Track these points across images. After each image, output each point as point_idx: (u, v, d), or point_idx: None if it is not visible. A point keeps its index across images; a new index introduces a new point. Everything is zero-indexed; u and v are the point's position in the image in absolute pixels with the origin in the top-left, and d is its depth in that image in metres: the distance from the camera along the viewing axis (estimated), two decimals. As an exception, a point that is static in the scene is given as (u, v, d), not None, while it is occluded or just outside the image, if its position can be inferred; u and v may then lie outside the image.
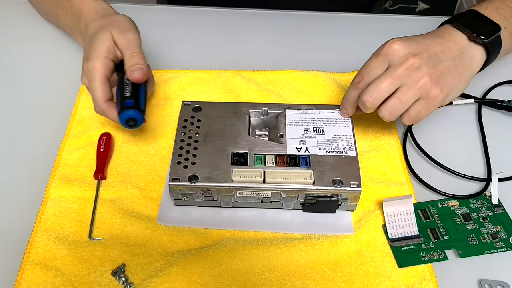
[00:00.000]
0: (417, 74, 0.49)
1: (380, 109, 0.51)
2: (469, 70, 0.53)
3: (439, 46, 0.51)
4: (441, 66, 0.50)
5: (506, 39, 0.56)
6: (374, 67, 0.51)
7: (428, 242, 0.50)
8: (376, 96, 0.50)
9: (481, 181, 0.56)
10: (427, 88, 0.49)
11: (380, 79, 0.50)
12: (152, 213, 0.52)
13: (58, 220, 0.51)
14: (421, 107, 0.50)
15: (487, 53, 0.53)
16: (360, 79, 0.52)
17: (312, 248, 0.49)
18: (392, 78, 0.49)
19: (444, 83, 0.50)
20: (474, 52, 0.53)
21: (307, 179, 0.49)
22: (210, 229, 0.51)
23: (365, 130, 0.60)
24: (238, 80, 0.65)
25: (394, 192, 0.54)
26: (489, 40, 0.52)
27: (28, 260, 0.48)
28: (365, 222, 0.52)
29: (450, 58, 0.51)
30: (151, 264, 0.48)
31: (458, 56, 0.52)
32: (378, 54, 0.51)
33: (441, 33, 0.53)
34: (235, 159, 0.51)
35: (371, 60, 0.51)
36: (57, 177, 0.54)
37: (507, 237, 0.51)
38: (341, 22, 0.78)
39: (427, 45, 0.51)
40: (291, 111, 0.56)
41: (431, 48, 0.51)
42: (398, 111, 0.50)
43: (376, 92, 0.50)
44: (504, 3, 0.57)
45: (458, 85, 0.52)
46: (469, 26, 0.52)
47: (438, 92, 0.50)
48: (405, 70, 0.49)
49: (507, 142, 0.60)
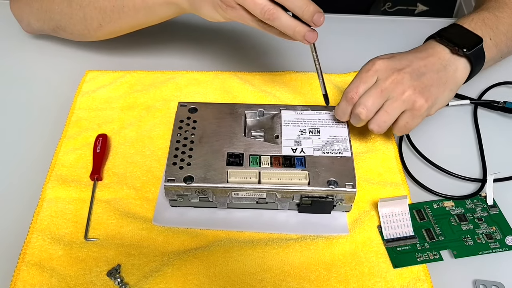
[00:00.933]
0: (401, 87, 0.51)
1: (369, 122, 0.53)
2: (454, 81, 0.54)
3: (422, 60, 0.53)
4: (425, 78, 0.52)
5: (492, 49, 0.57)
6: (365, 82, 0.52)
7: (423, 242, 0.51)
8: (369, 107, 0.51)
9: (477, 181, 0.56)
10: (412, 99, 0.51)
11: (370, 91, 0.52)
12: (148, 214, 0.52)
13: (54, 221, 0.51)
14: (408, 118, 0.52)
15: (470, 64, 0.55)
16: (354, 94, 0.52)
17: (307, 249, 0.49)
18: (380, 90, 0.51)
19: (428, 94, 0.52)
20: (458, 64, 0.54)
21: (302, 179, 0.49)
22: (206, 230, 0.51)
23: (361, 131, 0.60)
24: (235, 81, 0.66)
25: (389, 193, 0.54)
26: (471, 52, 0.54)
27: (24, 260, 0.48)
28: (360, 223, 0.52)
29: (433, 71, 0.53)
30: (146, 265, 0.48)
31: (441, 69, 0.54)
32: (367, 70, 0.52)
33: (424, 48, 0.55)
34: (231, 160, 0.51)
35: (362, 76, 0.53)
36: (54, 178, 0.54)
37: (502, 237, 0.51)
38: (338, 23, 0.78)
39: (410, 60, 0.53)
40: (287, 112, 0.56)
41: (414, 63, 0.53)
42: (386, 123, 0.52)
43: (369, 103, 0.51)
44: (492, 14, 0.59)
45: (443, 95, 0.54)
46: (451, 39, 0.54)
47: (423, 102, 0.51)
48: (390, 83, 0.51)
49: (502, 143, 0.61)
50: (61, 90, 0.65)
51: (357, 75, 0.53)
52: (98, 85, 0.65)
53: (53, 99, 0.64)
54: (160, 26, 0.76)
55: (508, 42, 0.60)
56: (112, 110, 0.62)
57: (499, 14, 0.59)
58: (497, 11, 0.59)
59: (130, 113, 0.62)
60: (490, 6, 0.61)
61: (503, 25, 0.59)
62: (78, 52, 0.71)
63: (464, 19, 0.58)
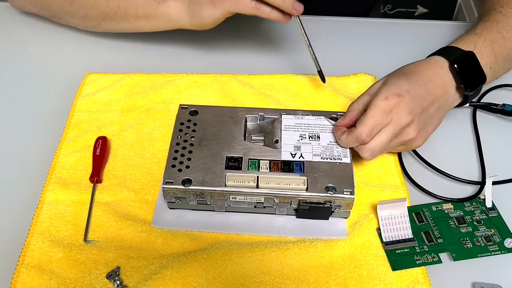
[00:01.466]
0: (408, 131, 0.52)
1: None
2: (446, 111, 0.57)
3: (430, 96, 0.53)
4: (428, 118, 0.53)
5: (489, 78, 0.58)
6: (380, 125, 0.51)
7: (422, 245, 0.51)
8: (376, 154, 0.52)
9: (476, 184, 0.56)
10: (412, 140, 0.53)
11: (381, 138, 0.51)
12: (147, 216, 0.52)
13: (54, 223, 0.51)
14: (401, 150, 0.56)
15: (464, 99, 0.57)
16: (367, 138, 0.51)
17: (306, 252, 0.50)
18: (390, 137, 0.52)
19: (425, 134, 0.54)
20: (455, 97, 0.56)
21: (300, 185, 0.49)
22: (205, 232, 0.51)
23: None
24: (235, 84, 0.66)
25: (388, 196, 0.54)
26: (471, 93, 0.56)
27: (23, 263, 0.48)
28: (359, 226, 0.52)
29: (436, 108, 0.54)
30: (145, 267, 0.48)
31: (443, 104, 0.55)
32: (384, 111, 0.51)
33: (434, 75, 0.54)
34: (230, 164, 0.51)
35: (378, 117, 0.51)
36: (53, 180, 0.55)
37: (501, 240, 0.51)
38: (338, 26, 0.78)
39: (421, 96, 0.52)
40: (287, 117, 0.56)
41: (424, 99, 0.53)
42: (380, 153, 0.53)
43: (377, 151, 0.52)
44: (500, 34, 0.59)
45: (434, 129, 0.56)
46: (463, 74, 0.54)
47: (420, 143, 0.54)
48: (400, 129, 0.52)
49: (501, 146, 0.61)
50: (61, 93, 0.65)
51: (372, 113, 0.51)
52: (98, 87, 0.65)
53: (53, 102, 0.64)
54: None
55: (506, 65, 0.62)
56: (112, 113, 0.62)
57: (506, 34, 0.59)
58: (504, 30, 0.60)
59: (130, 115, 0.62)
60: (497, 20, 0.60)
61: (506, 49, 0.60)
62: (78, 54, 0.71)
63: (476, 39, 0.58)
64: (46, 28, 0.74)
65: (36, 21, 0.75)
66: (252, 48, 0.73)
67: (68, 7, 0.67)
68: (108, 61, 0.70)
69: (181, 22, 0.63)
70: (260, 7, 0.57)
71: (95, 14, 0.67)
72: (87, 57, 0.71)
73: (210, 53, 0.72)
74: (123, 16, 0.65)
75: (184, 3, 0.61)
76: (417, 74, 0.54)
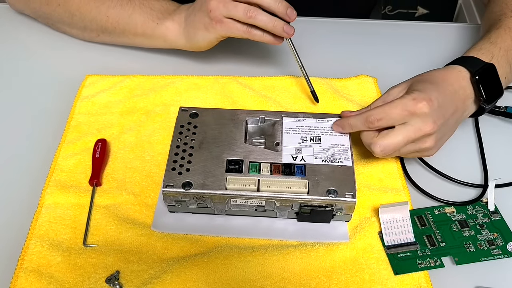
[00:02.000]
0: (427, 140, 0.51)
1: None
2: (461, 122, 0.56)
3: (453, 107, 0.52)
4: (446, 129, 0.53)
5: (503, 88, 0.57)
6: (395, 120, 0.50)
7: (425, 249, 0.50)
8: (387, 153, 0.51)
9: (478, 187, 0.56)
10: (427, 149, 0.52)
11: (397, 138, 0.50)
12: (147, 220, 0.52)
13: (53, 227, 0.51)
14: (410, 156, 0.55)
15: (479, 110, 0.56)
16: (376, 121, 0.50)
17: (308, 255, 0.49)
18: (407, 140, 0.50)
19: (440, 144, 0.53)
20: (472, 109, 0.56)
21: (301, 188, 0.49)
22: (205, 236, 0.51)
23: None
24: (235, 86, 0.65)
25: (390, 199, 0.54)
26: (488, 106, 0.55)
27: (22, 267, 0.47)
28: (361, 229, 0.51)
29: (455, 120, 0.54)
30: (145, 271, 0.48)
31: (460, 116, 0.54)
32: (406, 110, 0.49)
33: (458, 87, 0.53)
34: (230, 167, 0.51)
35: (396, 111, 0.50)
36: (53, 183, 0.54)
37: (503, 244, 0.51)
38: (339, 27, 0.78)
39: (446, 108, 0.51)
40: (288, 119, 0.56)
41: (448, 111, 0.52)
42: (392, 155, 0.53)
43: (389, 150, 0.50)
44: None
45: (447, 139, 0.55)
46: (483, 87, 0.53)
47: (433, 152, 0.53)
48: (421, 136, 0.50)
49: (504, 148, 0.60)
50: (61, 95, 0.65)
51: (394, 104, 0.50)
52: (98, 89, 0.65)
53: (52, 104, 0.64)
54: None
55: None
56: (111, 115, 0.62)
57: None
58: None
59: (129, 118, 0.62)
60: (510, 26, 0.60)
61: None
62: (77, 56, 0.71)
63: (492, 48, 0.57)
64: (46, 30, 0.74)
65: (36, 23, 0.74)
66: (252, 50, 0.73)
67: (68, 18, 0.68)
68: (108, 63, 0.69)
69: (178, 43, 0.65)
70: (251, 31, 0.58)
71: (94, 27, 0.68)
72: (86, 59, 0.70)
73: (210, 55, 0.72)
74: (122, 32, 0.66)
75: (180, 25, 0.63)
76: (445, 84, 0.53)
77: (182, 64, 0.70)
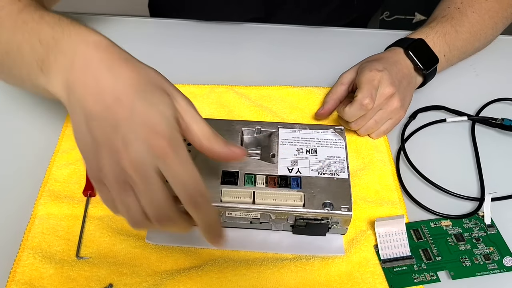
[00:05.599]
0: (393, 101, 0.58)
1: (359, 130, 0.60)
2: (414, 88, 0.64)
3: (400, 72, 0.60)
4: (404, 90, 0.60)
5: (444, 64, 0.65)
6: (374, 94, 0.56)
7: (420, 263, 0.50)
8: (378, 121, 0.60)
9: (474, 200, 0.55)
10: (397, 111, 0.59)
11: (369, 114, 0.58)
12: (141, 232, 0.51)
13: (46, 238, 0.50)
14: (389, 125, 0.60)
15: (423, 78, 0.64)
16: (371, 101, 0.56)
17: (303, 269, 0.49)
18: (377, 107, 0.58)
19: (405, 103, 0.60)
20: (417, 77, 0.63)
21: (297, 201, 0.49)
22: (200, 248, 0.51)
23: (358, 148, 0.60)
24: (231, 95, 0.65)
25: (386, 211, 0.54)
26: (428, 72, 0.62)
27: (13, 279, 0.47)
28: (356, 242, 0.51)
29: (407, 83, 0.61)
30: (138, 285, 0.47)
31: (410, 81, 0.62)
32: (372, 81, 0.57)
33: (397, 58, 0.61)
34: (226, 179, 0.50)
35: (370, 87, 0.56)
36: (46, 193, 0.54)
37: (500, 258, 0.50)
38: (336, 37, 0.78)
39: (395, 72, 0.59)
40: (284, 130, 0.56)
41: (398, 74, 0.59)
42: (372, 129, 0.60)
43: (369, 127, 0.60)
44: (453, 28, 0.65)
45: (409, 102, 0.62)
46: (417, 58, 0.62)
47: (403, 113, 0.60)
48: (385, 99, 0.58)
49: (500, 161, 0.60)
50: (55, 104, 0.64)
51: (365, 85, 0.56)
52: (93, 98, 0.64)
53: (46, 112, 0.63)
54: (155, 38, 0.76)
55: (460, 56, 0.68)
56: (106, 124, 0.61)
57: (459, 29, 0.65)
58: (458, 25, 0.65)
59: (124, 127, 0.61)
60: (453, 16, 0.66)
61: (460, 41, 0.66)
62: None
63: (429, 31, 0.64)
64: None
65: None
66: (249, 59, 0.72)
67: None
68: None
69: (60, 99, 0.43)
70: None
71: None
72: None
73: (206, 63, 0.71)
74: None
75: None
76: (386, 58, 0.61)
77: (178, 72, 0.69)
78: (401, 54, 0.62)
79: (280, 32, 0.77)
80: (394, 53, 0.62)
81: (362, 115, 0.57)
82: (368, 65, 0.59)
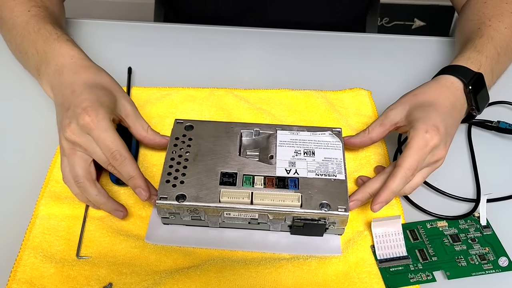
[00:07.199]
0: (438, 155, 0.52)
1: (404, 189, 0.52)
2: None
3: (455, 122, 0.54)
4: (450, 138, 0.53)
5: None
6: (422, 161, 0.51)
7: (417, 263, 0.50)
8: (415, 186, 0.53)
9: (470, 201, 0.56)
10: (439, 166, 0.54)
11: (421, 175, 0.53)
12: (140, 232, 0.52)
13: (47, 238, 0.51)
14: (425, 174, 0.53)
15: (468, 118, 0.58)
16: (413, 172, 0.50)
17: (300, 269, 0.49)
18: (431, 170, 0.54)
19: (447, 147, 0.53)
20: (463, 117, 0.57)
21: (294, 201, 0.49)
22: (199, 249, 0.51)
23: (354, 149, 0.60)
24: (230, 99, 0.66)
25: (383, 212, 0.54)
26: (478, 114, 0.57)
27: (15, 278, 0.48)
28: (353, 243, 0.52)
29: (456, 127, 0.55)
30: (138, 284, 0.48)
31: (458, 124, 0.56)
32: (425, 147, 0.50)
33: (454, 100, 0.54)
34: (224, 179, 0.51)
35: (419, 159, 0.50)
36: (47, 194, 0.54)
37: (495, 258, 0.51)
38: (334, 41, 0.79)
39: (450, 124, 0.53)
40: (283, 132, 0.56)
41: (453, 126, 0.54)
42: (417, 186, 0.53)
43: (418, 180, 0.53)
44: (496, 51, 0.59)
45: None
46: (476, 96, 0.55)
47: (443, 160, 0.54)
48: (436, 160, 0.52)
49: (496, 163, 0.61)
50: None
51: (415, 151, 0.50)
52: (94, 100, 0.65)
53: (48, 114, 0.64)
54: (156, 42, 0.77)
55: (495, 80, 0.62)
56: (107, 126, 0.62)
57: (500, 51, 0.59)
58: (499, 46, 0.59)
59: (125, 129, 0.62)
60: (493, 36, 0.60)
61: (499, 65, 0.60)
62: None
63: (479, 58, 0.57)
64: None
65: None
66: (248, 63, 0.73)
67: None
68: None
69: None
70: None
71: None
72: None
73: (206, 67, 0.72)
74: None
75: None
76: (442, 101, 0.53)
77: (178, 76, 0.70)
78: (459, 92, 0.54)
79: (279, 36, 0.78)
80: (452, 89, 0.54)
81: None
82: (423, 117, 0.51)
